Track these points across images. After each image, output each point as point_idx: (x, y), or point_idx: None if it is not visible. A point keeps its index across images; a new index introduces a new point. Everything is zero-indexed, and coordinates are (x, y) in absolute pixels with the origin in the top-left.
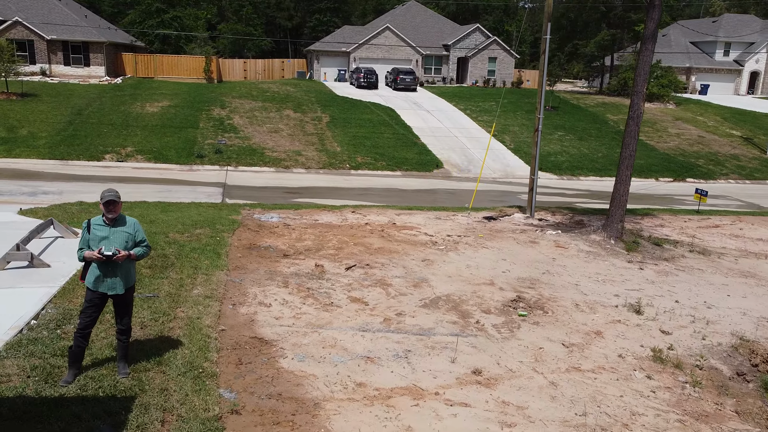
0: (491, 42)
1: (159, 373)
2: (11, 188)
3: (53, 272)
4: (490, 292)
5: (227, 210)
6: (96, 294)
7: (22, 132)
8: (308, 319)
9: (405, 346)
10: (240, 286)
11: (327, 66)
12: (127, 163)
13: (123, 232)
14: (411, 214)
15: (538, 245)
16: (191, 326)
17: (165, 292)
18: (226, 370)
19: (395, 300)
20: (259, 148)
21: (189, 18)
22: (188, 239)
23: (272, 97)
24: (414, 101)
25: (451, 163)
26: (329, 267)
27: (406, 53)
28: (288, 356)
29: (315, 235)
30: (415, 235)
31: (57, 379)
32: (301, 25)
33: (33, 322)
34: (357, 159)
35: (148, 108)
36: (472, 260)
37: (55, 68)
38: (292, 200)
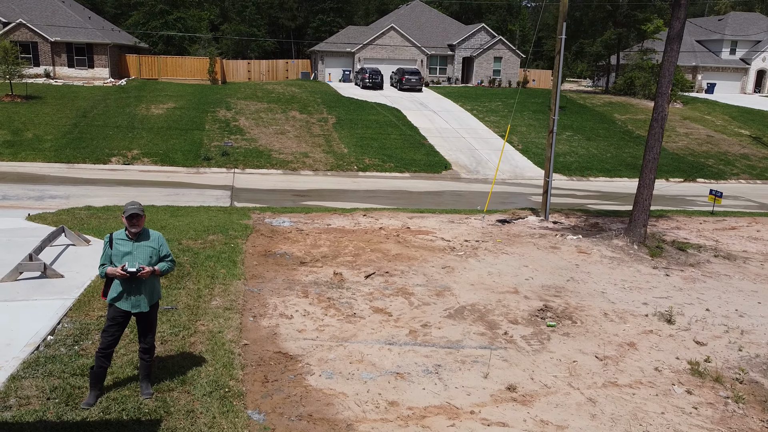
0: (496, 41)
1: (184, 393)
2: (18, 192)
3: (67, 283)
4: (515, 301)
5: (237, 214)
6: (119, 312)
7: (27, 135)
8: (332, 331)
9: (434, 360)
10: (259, 297)
11: (331, 66)
12: (134, 166)
13: (147, 247)
14: (424, 218)
15: (560, 251)
16: (213, 341)
17: (183, 304)
18: (253, 388)
19: (419, 310)
20: (266, 150)
21: (192, 19)
22: (202, 246)
23: (277, 98)
24: (420, 102)
25: (459, 165)
26: (348, 275)
27: (411, 53)
28: (315, 373)
29: (330, 240)
30: (432, 240)
31: (78, 401)
32: (304, 25)
33: (50, 338)
34: (365, 161)
35: (153, 110)
36: (494, 267)
37: (59, 70)
38: (302, 203)
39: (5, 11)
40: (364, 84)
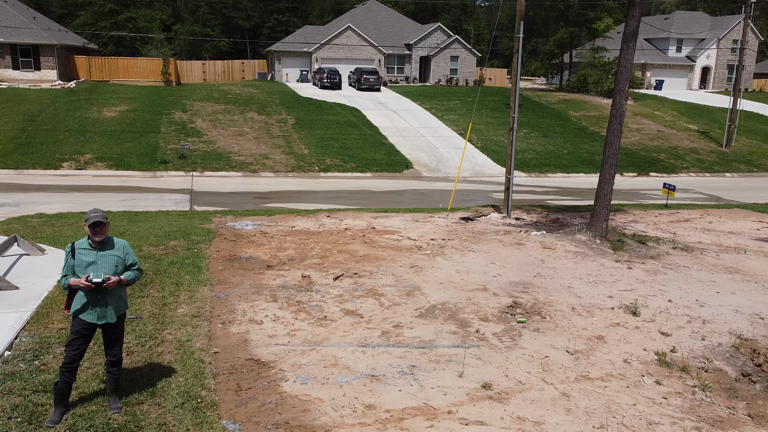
0: (452, 41)
1: (154, 406)
2: None
3: (23, 295)
4: (485, 299)
5: (198, 218)
6: (84, 324)
7: None
8: (304, 335)
9: (409, 361)
10: (227, 302)
11: (289, 67)
12: (87, 171)
13: (112, 256)
14: (388, 217)
15: (525, 247)
16: (182, 350)
17: (148, 313)
18: (226, 398)
19: (390, 311)
20: (225, 152)
21: (144, 19)
22: (164, 252)
23: (234, 99)
24: (379, 101)
25: (420, 163)
26: (316, 277)
27: (369, 53)
28: (289, 379)
29: (296, 243)
30: (398, 239)
31: (42, 419)
32: (259, 25)
33: (7, 354)
34: (326, 161)
35: (106, 113)
36: (461, 265)
37: (3, 72)
38: (264, 206)
39: None
40: (322, 84)
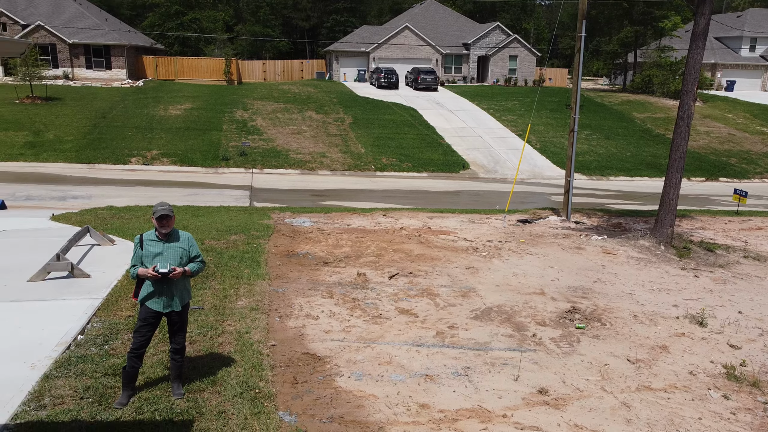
0: (512, 40)
1: (214, 394)
2: (41, 193)
3: (94, 283)
4: (542, 303)
5: (257, 214)
6: (151, 312)
7: (48, 136)
8: (359, 332)
9: (463, 362)
10: (284, 297)
11: (346, 66)
12: (153, 167)
13: (177, 248)
14: (444, 218)
15: (585, 251)
16: (241, 341)
17: (210, 304)
18: (283, 390)
19: (445, 311)
20: (284, 150)
21: (207, 20)
22: (225, 246)
23: (293, 98)
24: (436, 101)
25: (477, 164)
26: (372, 275)
27: (426, 52)
28: (344, 374)
29: (352, 240)
30: (454, 240)
31: (111, 401)
32: (318, 25)
33: (80, 338)
34: (382, 160)
35: (171, 111)
36: (518, 268)
37: (77, 72)
38: (320, 203)
39: (24, 14)
40: (379, 84)
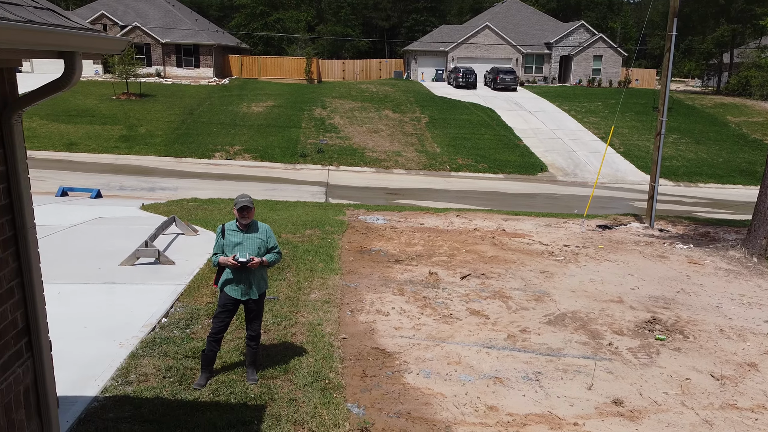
0: (596, 39)
1: (286, 382)
2: (132, 183)
3: (178, 270)
4: (620, 311)
5: (332, 210)
6: (230, 299)
7: (140, 130)
8: (428, 331)
9: (534, 367)
10: (356, 292)
11: (424, 66)
12: (235, 161)
13: (256, 239)
14: (519, 220)
15: (668, 260)
16: (313, 333)
17: (284, 295)
18: (352, 382)
19: (517, 314)
20: (360, 148)
21: (290, 20)
22: (300, 240)
23: (371, 97)
24: (515, 101)
25: (555, 167)
26: (443, 275)
27: (506, 52)
28: (413, 371)
29: (424, 239)
30: (529, 243)
31: (190, 382)
32: (397, 25)
33: (164, 321)
34: (457, 161)
35: (254, 108)
36: (596, 274)
37: (168, 70)
38: (394, 201)
39: (123, 15)
40: (457, 83)
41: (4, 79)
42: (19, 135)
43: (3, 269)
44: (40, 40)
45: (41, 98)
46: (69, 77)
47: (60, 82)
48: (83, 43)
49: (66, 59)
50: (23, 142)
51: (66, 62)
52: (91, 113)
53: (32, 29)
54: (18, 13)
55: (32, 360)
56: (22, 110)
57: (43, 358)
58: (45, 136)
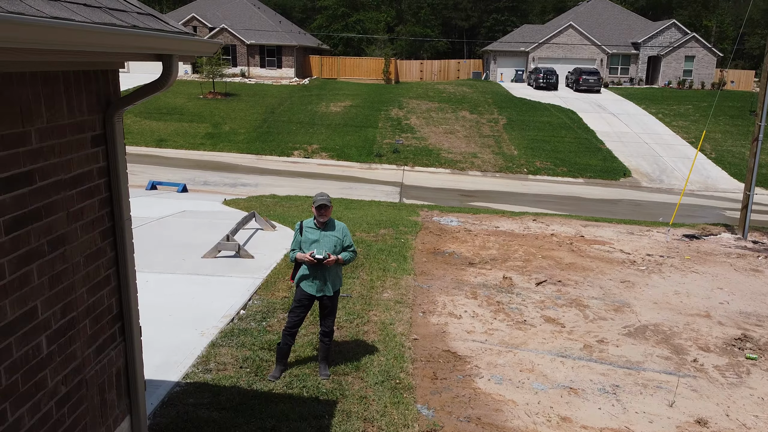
0: (689, 39)
1: (357, 379)
2: (216, 179)
3: (256, 264)
4: (706, 326)
5: (406, 210)
6: (305, 295)
7: (224, 128)
8: (501, 336)
9: (611, 379)
10: (428, 293)
11: (504, 66)
12: (313, 160)
13: (332, 236)
14: (599, 227)
15: (763, 274)
16: (385, 332)
17: (357, 293)
18: (422, 384)
19: (594, 324)
20: (435, 149)
21: (370, 21)
22: (374, 239)
23: (448, 97)
24: (598, 103)
25: (640, 172)
26: (518, 280)
27: (590, 52)
28: (484, 376)
29: (499, 243)
30: (609, 251)
31: (265, 373)
32: (477, 25)
33: (242, 312)
34: (535, 164)
35: (332, 108)
36: (681, 286)
37: (252, 70)
38: (469, 204)
39: (211, 18)
40: (537, 84)
41: (108, 80)
42: (120, 133)
43: (102, 257)
44: (143, 44)
45: (141, 98)
46: (166, 79)
47: (158, 84)
48: (180, 46)
49: (164, 61)
50: (123, 139)
51: (164, 64)
52: (179, 111)
53: (136, 34)
54: (124, 19)
55: (124, 344)
56: (123, 109)
57: (134, 343)
58: (137, 132)
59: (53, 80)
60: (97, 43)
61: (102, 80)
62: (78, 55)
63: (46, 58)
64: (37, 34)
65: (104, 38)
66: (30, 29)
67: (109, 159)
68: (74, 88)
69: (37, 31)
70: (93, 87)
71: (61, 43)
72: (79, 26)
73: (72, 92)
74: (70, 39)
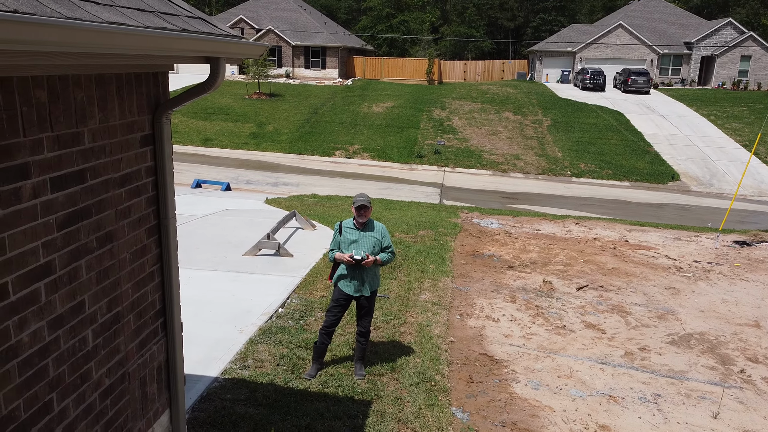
0: (746, 38)
1: (392, 380)
2: (258, 178)
3: (296, 263)
4: (755, 336)
5: (446, 212)
6: (343, 294)
7: (268, 128)
8: (539, 341)
9: (653, 388)
10: (466, 296)
11: (549, 67)
12: (354, 160)
13: (371, 237)
14: (644, 231)
15: None
16: (421, 334)
17: (395, 294)
18: (457, 387)
19: (637, 331)
20: (477, 151)
21: (415, 22)
22: (413, 240)
23: (491, 98)
24: (646, 105)
25: (689, 176)
26: (558, 285)
27: (640, 52)
28: (520, 381)
29: (540, 247)
30: (654, 257)
31: (301, 371)
32: (523, 25)
33: (280, 311)
34: (580, 166)
35: (374, 108)
36: (729, 294)
37: (296, 71)
38: (510, 206)
39: (259, 19)
40: (584, 85)
41: (159, 82)
42: (167, 133)
43: (147, 254)
44: (192, 47)
45: (188, 100)
46: (213, 81)
47: (205, 85)
48: (227, 49)
49: (212, 64)
50: (171, 140)
51: (211, 67)
52: (225, 111)
53: (186, 37)
54: (174, 23)
55: (166, 339)
56: (172, 110)
57: (175, 339)
58: (185, 131)
59: (106, 82)
60: (150, 47)
61: (152, 82)
62: (131, 58)
63: (100, 61)
64: (94, 38)
65: (156, 42)
66: (87, 34)
67: (156, 159)
68: (125, 90)
69: (95, 36)
70: (143, 89)
71: (116, 47)
72: (133, 30)
73: (123, 94)
74: (125, 43)
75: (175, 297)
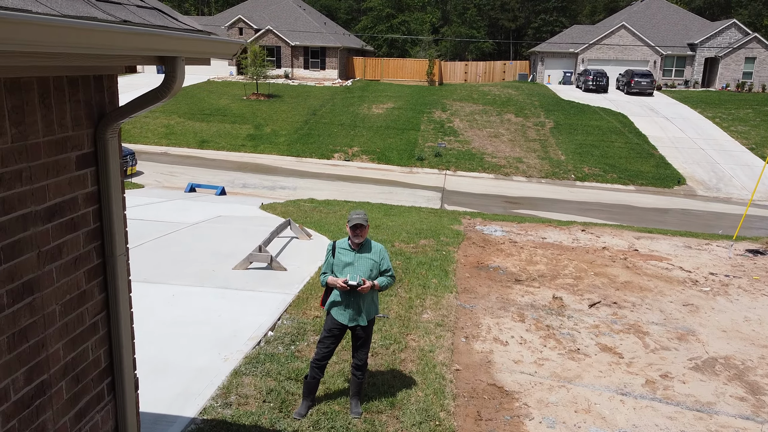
0: (750, 39)
1: (392, 419)
2: (255, 181)
3: (289, 277)
4: None
5: (448, 218)
6: (336, 324)
7: (266, 130)
8: (552, 367)
9: (680, 424)
10: (471, 314)
11: (551, 68)
12: (353, 163)
13: (368, 259)
14: (653, 239)
15: None
16: (424, 361)
17: (395, 313)
18: (465, 425)
19: (656, 355)
20: (479, 153)
21: (415, 22)
22: (414, 251)
23: (493, 100)
24: (650, 107)
25: (695, 180)
26: (569, 301)
27: (643, 54)
28: (534, 417)
29: (547, 257)
30: (668, 268)
31: (291, 409)
32: (524, 26)
33: (270, 334)
34: (583, 169)
35: (374, 109)
36: (752, 311)
37: (296, 71)
38: (513, 211)
39: (257, 19)
40: (586, 86)
41: (103, 87)
42: (114, 151)
43: (87, 302)
44: (136, 44)
45: (140, 109)
46: (168, 85)
47: (159, 92)
48: (186, 46)
49: (166, 64)
50: (119, 157)
51: (166, 68)
52: (223, 112)
53: (122, 31)
54: (113, 13)
55: (114, 404)
56: (119, 122)
57: (126, 401)
58: (180, 133)
59: (23, 89)
60: (69, 43)
61: (93, 88)
62: (43, 57)
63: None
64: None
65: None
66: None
67: (100, 182)
68: (54, 98)
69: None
70: (80, 96)
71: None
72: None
73: (51, 103)
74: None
75: (126, 349)
